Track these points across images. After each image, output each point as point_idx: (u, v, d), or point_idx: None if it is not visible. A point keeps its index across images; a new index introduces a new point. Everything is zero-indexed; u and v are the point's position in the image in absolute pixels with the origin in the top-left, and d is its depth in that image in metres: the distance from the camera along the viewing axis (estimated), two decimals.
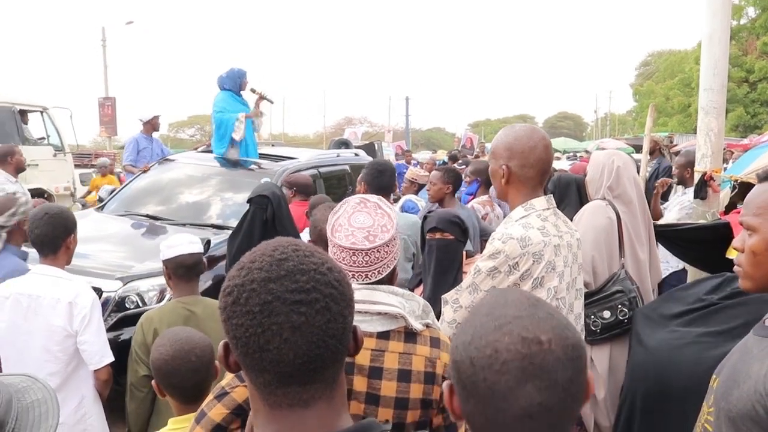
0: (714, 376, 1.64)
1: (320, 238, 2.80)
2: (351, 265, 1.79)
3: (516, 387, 0.96)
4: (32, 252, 3.31)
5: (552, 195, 2.57)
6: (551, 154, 2.50)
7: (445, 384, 1.09)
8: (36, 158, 9.88)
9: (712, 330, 2.62)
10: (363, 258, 1.79)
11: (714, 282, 2.87)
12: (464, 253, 3.20)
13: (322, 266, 1.00)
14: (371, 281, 1.81)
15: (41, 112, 12.49)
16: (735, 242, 1.67)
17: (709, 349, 2.46)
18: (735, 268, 1.67)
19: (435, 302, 2.66)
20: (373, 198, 1.92)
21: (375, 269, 1.81)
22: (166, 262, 3.11)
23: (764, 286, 1.58)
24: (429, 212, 3.55)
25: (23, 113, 11.86)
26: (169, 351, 2.22)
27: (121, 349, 3.87)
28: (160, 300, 4.67)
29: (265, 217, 4.17)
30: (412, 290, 3.57)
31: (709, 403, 1.61)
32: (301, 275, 0.97)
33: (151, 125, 8.27)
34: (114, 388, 3.27)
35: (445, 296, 2.52)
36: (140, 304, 4.62)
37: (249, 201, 4.34)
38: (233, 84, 6.94)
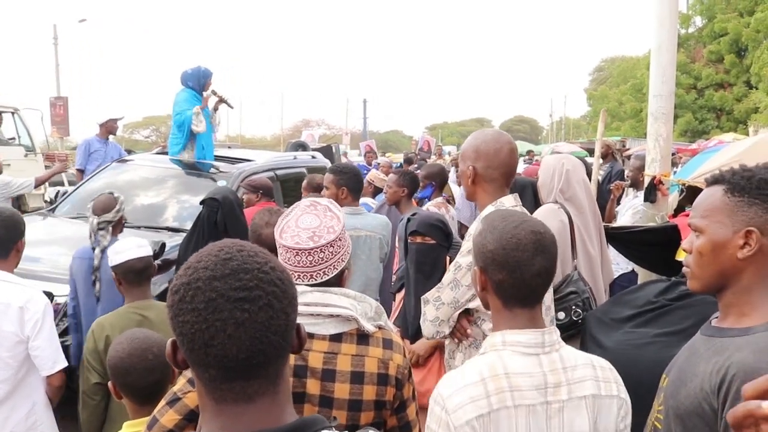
0: (664, 376, 1.69)
1: (259, 242, 2.77)
2: (296, 266, 1.80)
3: (532, 258, 1.66)
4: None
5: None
6: (516, 158, 2.64)
7: (475, 269, 1.75)
8: (8, 158, 9.78)
9: (667, 330, 2.70)
10: (306, 258, 1.79)
11: (661, 285, 2.94)
12: (447, 258, 3.13)
13: (266, 265, 1.04)
14: (317, 282, 1.82)
15: (12, 113, 12.72)
16: (684, 244, 1.72)
17: (666, 347, 2.50)
18: (684, 269, 1.70)
19: (417, 306, 2.69)
20: (324, 201, 1.94)
21: (320, 269, 1.81)
22: (114, 268, 3.07)
23: (710, 286, 1.62)
24: (413, 215, 3.52)
25: None
26: (126, 348, 2.21)
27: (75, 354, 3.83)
28: None
29: (215, 220, 4.17)
30: (394, 295, 3.56)
31: (659, 402, 1.66)
32: (244, 274, 1.00)
33: (107, 128, 8.11)
34: (65, 393, 3.20)
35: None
36: None
37: (202, 203, 4.31)
38: (196, 82, 6.86)
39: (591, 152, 16.94)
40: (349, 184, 4.35)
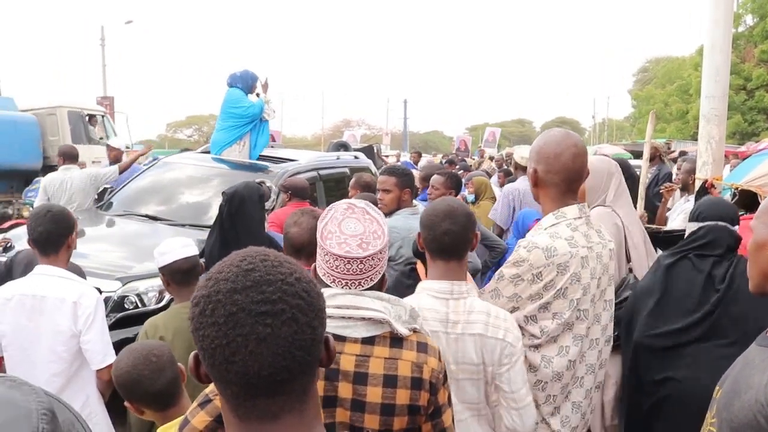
0: (717, 387, 1.65)
1: (287, 240, 2.77)
2: (345, 273, 1.77)
3: (441, 221, 2.25)
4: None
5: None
6: (581, 162, 2.43)
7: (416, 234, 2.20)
8: (99, 156, 11.36)
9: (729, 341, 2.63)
10: (357, 266, 1.77)
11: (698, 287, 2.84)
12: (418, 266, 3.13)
13: (290, 276, 0.98)
14: (364, 288, 1.80)
15: (102, 116, 14.55)
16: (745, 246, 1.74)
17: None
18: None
19: None
20: (361, 203, 1.91)
21: (368, 277, 1.79)
22: (162, 269, 3.08)
23: (760, 287, 1.62)
24: None
25: (90, 117, 13.94)
26: (127, 362, 2.19)
27: (119, 349, 3.90)
28: (159, 301, 4.68)
29: (224, 215, 4.14)
30: None
31: (712, 414, 1.62)
32: (267, 286, 0.96)
33: (113, 156, 8.20)
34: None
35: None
36: (139, 305, 4.62)
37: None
38: (245, 84, 6.97)
39: (635, 154, 16.69)
40: (411, 186, 4.29)
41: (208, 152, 7.10)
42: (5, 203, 9.89)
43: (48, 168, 10.73)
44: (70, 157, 7.08)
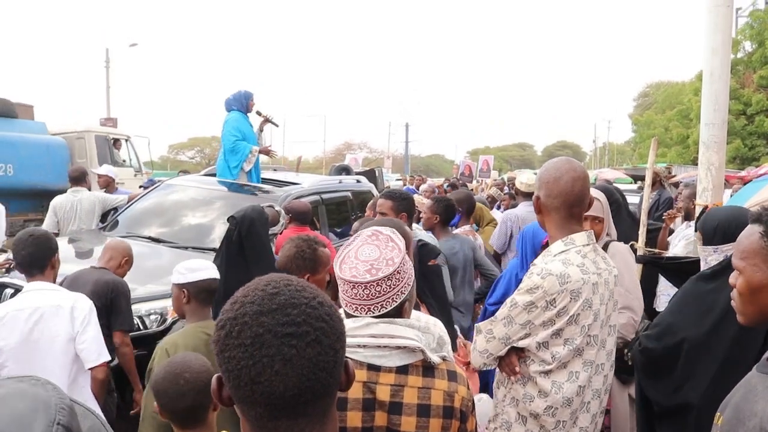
0: (718, 414, 1.65)
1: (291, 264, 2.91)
2: (353, 298, 1.78)
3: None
4: None
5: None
6: (581, 186, 2.42)
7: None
8: (123, 178, 12.27)
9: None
10: (363, 291, 1.76)
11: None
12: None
13: (314, 300, 1.02)
14: (375, 315, 1.79)
15: (126, 140, 15.52)
16: (730, 278, 1.75)
17: None
18: (732, 302, 1.75)
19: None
20: (387, 230, 1.90)
21: (377, 303, 1.78)
22: (188, 285, 3.04)
23: (755, 322, 1.67)
24: (418, 242, 3.64)
25: (115, 141, 14.88)
26: (161, 371, 2.26)
27: (120, 369, 3.92)
28: (161, 323, 4.67)
29: (233, 238, 4.13)
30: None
31: None
32: (292, 309, 0.98)
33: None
34: (118, 404, 3.44)
35: (479, 325, 2.54)
36: (141, 327, 4.61)
37: (228, 221, 4.36)
38: (240, 105, 7.01)
39: (635, 179, 16.69)
40: (408, 210, 4.30)
41: (212, 175, 7.14)
42: (37, 222, 10.22)
43: None
44: (77, 180, 7.23)
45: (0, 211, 7.00)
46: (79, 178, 7.27)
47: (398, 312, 1.83)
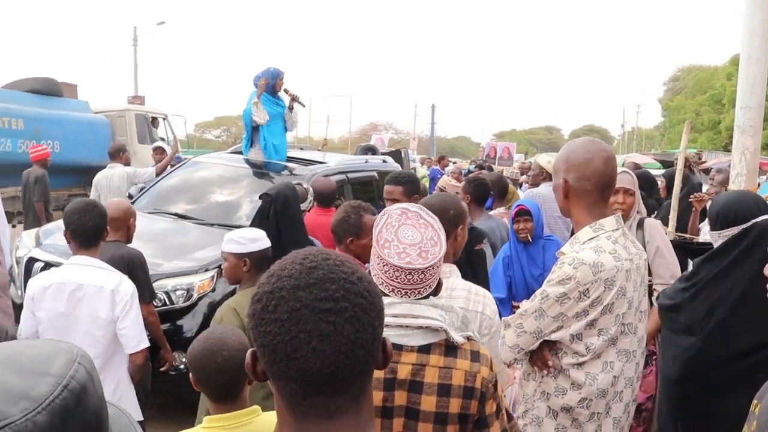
0: (755, 402, 1.62)
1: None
2: (405, 283, 1.77)
3: None
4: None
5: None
6: (612, 166, 2.36)
7: None
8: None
9: None
10: (419, 276, 1.76)
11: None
12: None
13: (352, 275, 0.98)
14: (423, 296, 1.79)
15: (164, 119, 15.87)
16: (766, 269, 1.72)
17: None
18: None
19: None
20: (414, 207, 1.89)
21: (427, 285, 1.79)
22: (249, 255, 3.17)
23: None
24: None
25: (153, 119, 15.20)
26: (199, 347, 2.24)
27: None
28: (187, 299, 4.72)
29: (268, 215, 4.16)
30: None
31: (752, 428, 1.59)
32: (330, 284, 0.96)
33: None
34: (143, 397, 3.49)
35: (507, 319, 2.45)
36: (167, 303, 4.67)
37: (260, 198, 4.38)
38: (266, 82, 6.95)
39: (664, 164, 16.48)
40: (418, 192, 4.31)
41: (239, 153, 7.15)
42: (81, 196, 10.68)
43: None
44: (111, 155, 7.75)
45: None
46: (113, 154, 7.69)
47: (437, 290, 1.85)
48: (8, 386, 0.71)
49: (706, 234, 5.24)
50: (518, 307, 3.13)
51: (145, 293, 3.93)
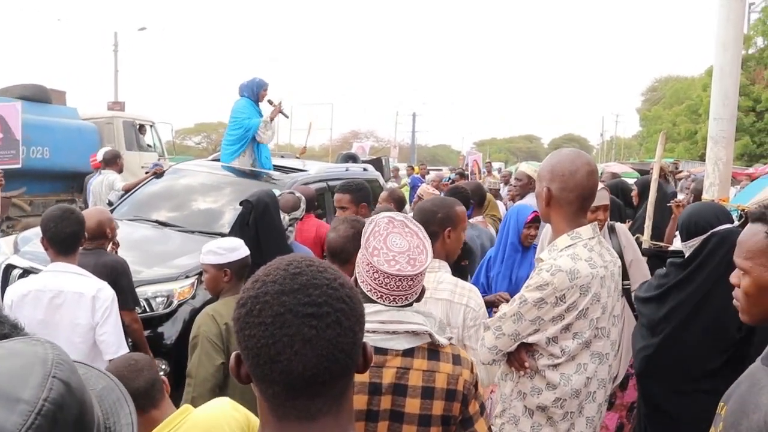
0: (722, 404, 1.66)
1: (329, 251, 2.83)
2: (394, 290, 1.81)
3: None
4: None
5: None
6: (594, 180, 2.46)
7: None
8: (148, 162, 12.49)
9: None
10: (407, 283, 1.81)
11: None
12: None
13: (335, 281, 1.02)
14: (409, 303, 1.85)
15: (151, 126, 15.94)
16: (732, 277, 1.73)
17: None
18: (734, 301, 1.73)
19: None
20: (400, 216, 1.94)
21: (414, 291, 1.85)
22: (231, 264, 3.15)
23: (761, 321, 1.65)
24: None
25: (140, 126, 15.34)
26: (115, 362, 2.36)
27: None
28: (167, 306, 4.70)
29: (248, 221, 4.16)
30: None
31: (718, 430, 1.64)
32: (313, 289, 0.99)
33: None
34: None
35: (487, 321, 2.54)
36: (147, 310, 4.64)
37: (240, 205, 4.38)
38: (251, 93, 7.00)
39: (641, 173, 16.64)
40: (366, 200, 4.42)
41: (219, 160, 7.15)
42: (69, 201, 11.07)
43: None
44: (108, 162, 7.74)
45: None
46: (110, 160, 7.73)
47: (420, 296, 1.90)
48: None
49: (677, 243, 5.33)
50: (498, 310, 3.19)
51: (129, 300, 3.93)
